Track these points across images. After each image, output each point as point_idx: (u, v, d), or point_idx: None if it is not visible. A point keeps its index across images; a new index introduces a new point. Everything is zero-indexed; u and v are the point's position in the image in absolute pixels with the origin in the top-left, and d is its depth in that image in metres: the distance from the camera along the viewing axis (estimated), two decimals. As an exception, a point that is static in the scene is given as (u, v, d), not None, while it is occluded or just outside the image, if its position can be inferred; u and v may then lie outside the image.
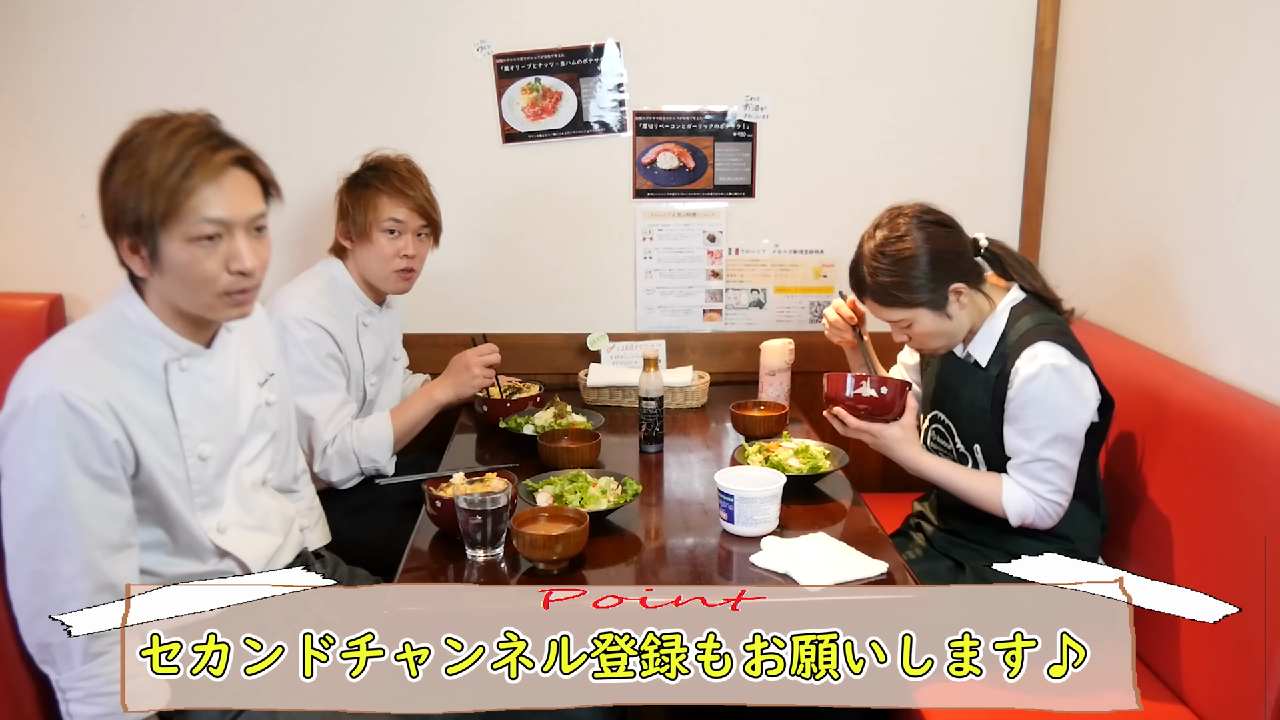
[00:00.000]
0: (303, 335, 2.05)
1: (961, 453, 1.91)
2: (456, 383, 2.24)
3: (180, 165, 1.36)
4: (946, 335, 1.85)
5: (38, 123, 2.46)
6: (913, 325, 1.82)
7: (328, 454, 2.09)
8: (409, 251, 2.15)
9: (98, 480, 1.37)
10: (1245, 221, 1.79)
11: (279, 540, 1.66)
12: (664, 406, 2.16)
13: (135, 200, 1.36)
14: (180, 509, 1.48)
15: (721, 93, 2.57)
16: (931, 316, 1.81)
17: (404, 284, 2.19)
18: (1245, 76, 1.79)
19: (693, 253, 2.66)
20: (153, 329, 1.46)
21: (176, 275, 1.40)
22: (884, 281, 1.79)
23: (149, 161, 1.36)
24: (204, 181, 1.38)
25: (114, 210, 1.38)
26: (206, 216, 1.38)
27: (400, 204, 2.12)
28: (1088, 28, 2.41)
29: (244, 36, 2.47)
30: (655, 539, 1.71)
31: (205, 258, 1.40)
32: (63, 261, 2.50)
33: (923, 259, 1.77)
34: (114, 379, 1.40)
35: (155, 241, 1.38)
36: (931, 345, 1.87)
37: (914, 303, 1.79)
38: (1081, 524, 1.84)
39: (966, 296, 1.81)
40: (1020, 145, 2.60)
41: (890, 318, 1.84)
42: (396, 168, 2.15)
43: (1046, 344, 1.74)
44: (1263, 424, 1.61)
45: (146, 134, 1.38)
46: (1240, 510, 1.60)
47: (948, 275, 1.79)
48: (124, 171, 1.37)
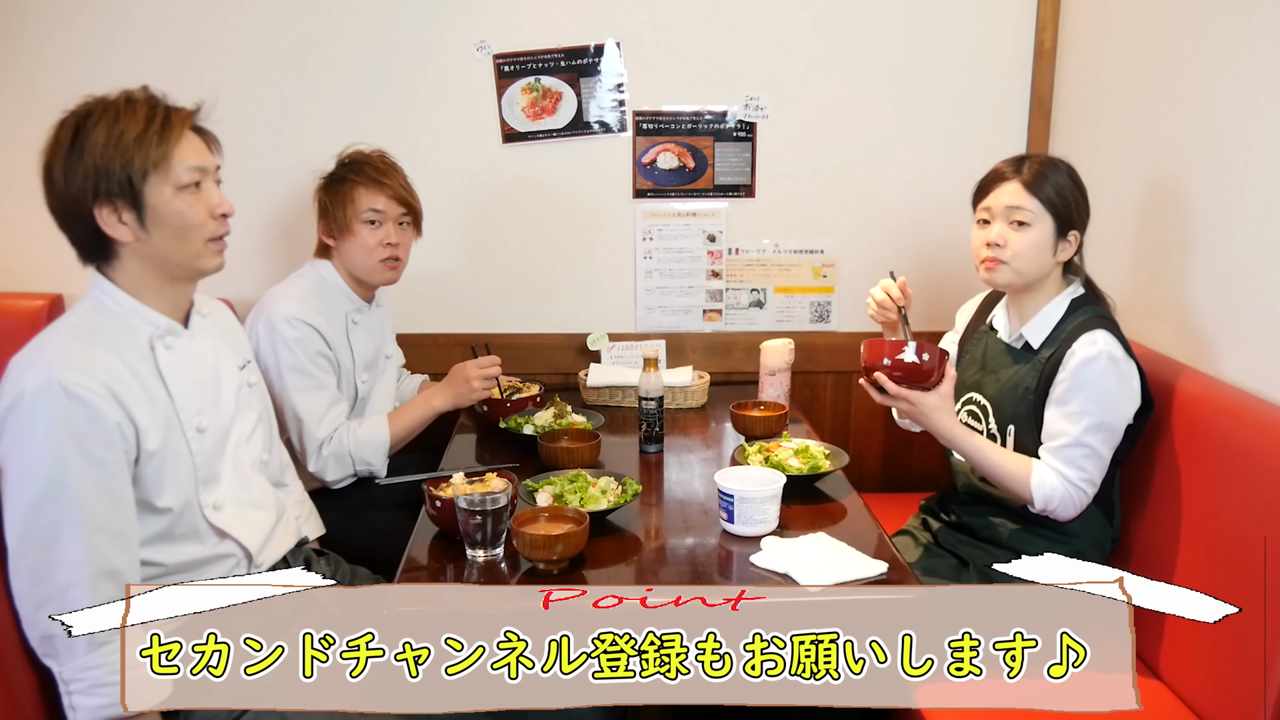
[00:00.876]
0: (291, 334, 2.05)
1: (994, 434, 1.91)
2: (455, 394, 2.24)
3: (154, 122, 1.45)
4: (1034, 266, 1.84)
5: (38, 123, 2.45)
6: (1030, 226, 1.83)
7: (323, 454, 2.09)
8: (391, 240, 2.15)
9: (99, 466, 1.38)
10: (1245, 221, 1.79)
11: (273, 518, 1.68)
12: (664, 406, 2.16)
13: (122, 158, 1.42)
14: (182, 485, 1.50)
15: (721, 93, 2.57)
16: (1050, 233, 1.83)
17: (391, 273, 2.19)
18: (1245, 76, 1.79)
19: (693, 253, 2.66)
20: (132, 309, 1.49)
21: (169, 226, 1.46)
22: (1045, 171, 1.83)
23: (122, 124, 1.43)
24: (179, 136, 1.47)
25: (95, 178, 1.41)
26: (190, 164, 1.47)
27: (378, 193, 2.13)
28: (1088, 28, 2.41)
29: (244, 37, 2.47)
30: (655, 539, 1.71)
31: (194, 204, 1.48)
32: (63, 261, 2.45)
33: (1076, 189, 1.85)
34: (107, 362, 1.42)
35: (143, 197, 1.43)
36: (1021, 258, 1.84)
37: (1053, 205, 1.82)
38: (1094, 530, 1.83)
39: (1070, 255, 1.86)
40: (1020, 145, 2.60)
41: (1024, 203, 1.83)
42: (371, 160, 2.16)
43: (1105, 333, 1.76)
44: (1263, 424, 1.61)
45: (101, 107, 1.45)
46: (1240, 510, 1.60)
47: (1079, 221, 1.85)
48: (100, 137, 1.42)
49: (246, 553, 1.60)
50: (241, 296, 2.39)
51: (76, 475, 1.36)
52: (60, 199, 1.44)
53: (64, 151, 1.43)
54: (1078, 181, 1.86)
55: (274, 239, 2.55)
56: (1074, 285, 1.89)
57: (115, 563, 1.39)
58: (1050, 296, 1.88)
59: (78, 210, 1.44)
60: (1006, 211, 1.85)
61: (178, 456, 1.50)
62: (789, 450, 1.97)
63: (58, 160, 1.43)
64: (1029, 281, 1.87)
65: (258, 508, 1.65)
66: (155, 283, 1.51)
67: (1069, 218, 1.83)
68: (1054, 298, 1.88)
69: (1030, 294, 1.89)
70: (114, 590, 1.39)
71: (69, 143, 1.43)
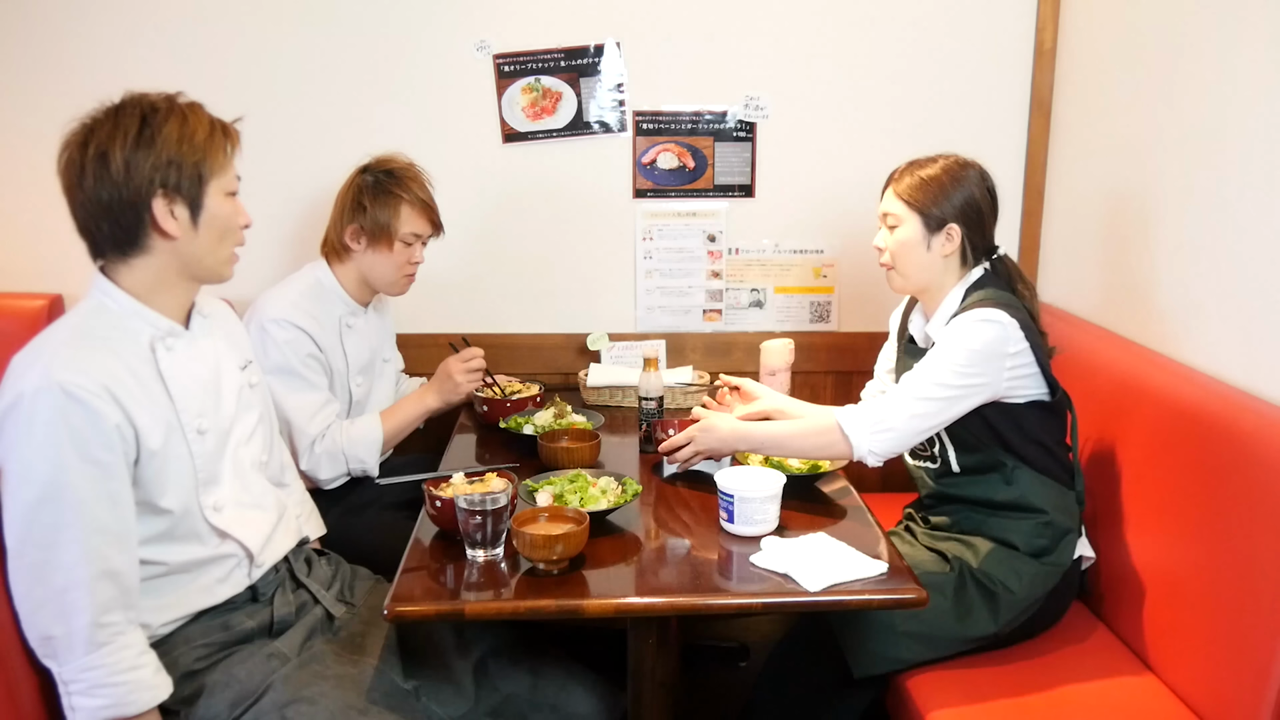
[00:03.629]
0: (281, 336, 2.06)
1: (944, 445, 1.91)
2: (441, 390, 2.25)
3: (217, 128, 1.51)
4: (914, 265, 1.89)
5: (38, 123, 2.46)
6: (899, 226, 1.89)
7: (315, 451, 2.09)
8: (418, 259, 2.18)
9: (98, 467, 1.38)
10: (1245, 221, 1.79)
11: (274, 518, 1.68)
12: (664, 406, 2.16)
13: (196, 155, 1.46)
14: (182, 488, 1.50)
15: (721, 93, 2.57)
16: (919, 231, 1.87)
17: (407, 287, 2.22)
18: (1245, 76, 1.79)
19: (693, 253, 2.66)
20: (133, 310, 1.49)
21: (215, 227, 1.51)
22: (916, 176, 1.88)
23: (191, 125, 1.47)
24: (236, 145, 1.54)
25: (165, 170, 1.44)
26: (237, 173, 1.54)
27: (424, 217, 2.15)
28: (1088, 28, 2.41)
29: (244, 37, 2.47)
30: (655, 539, 1.71)
31: (236, 212, 1.54)
32: (63, 261, 2.50)
33: (957, 189, 1.86)
34: (107, 364, 1.42)
35: (203, 198, 1.48)
36: (898, 260, 1.90)
37: (917, 207, 1.86)
38: (1053, 497, 1.85)
39: (954, 248, 1.86)
40: (1020, 145, 2.60)
41: (891, 207, 1.90)
42: (418, 178, 2.17)
43: (991, 307, 1.77)
44: (1263, 424, 1.60)
45: (166, 104, 1.47)
46: (1240, 510, 1.60)
47: (959, 218, 1.86)
48: (174, 131, 1.44)
49: (248, 552, 1.60)
50: (241, 297, 2.39)
51: (75, 476, 1.36)
52: (116, 186, 1.42)
53: (130, 140, 1.42)
54: (955, 174, 1.86)
55: (273, 239, 2.54)
56: (973, 271, 1.90)
57: (114, 564, 1.39)
58: (949, 290, 1.90)
59: (133, 199, 1.43)
60: (883, 218, 1.93)
61: (178, 458, 1.50)
62: None
63: (121, 147, 1.42)
64: (922, 283, 1.91)
65: (258, 508, 1.65)
66: (169, 280, 1.51)
67: (937, 213, 1.85)
68: (951, 290, 1.90)
69: (931, 293, 1.92)
70: (113, 591, 1.39)
71: (136, 131, 1.42)
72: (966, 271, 1.90)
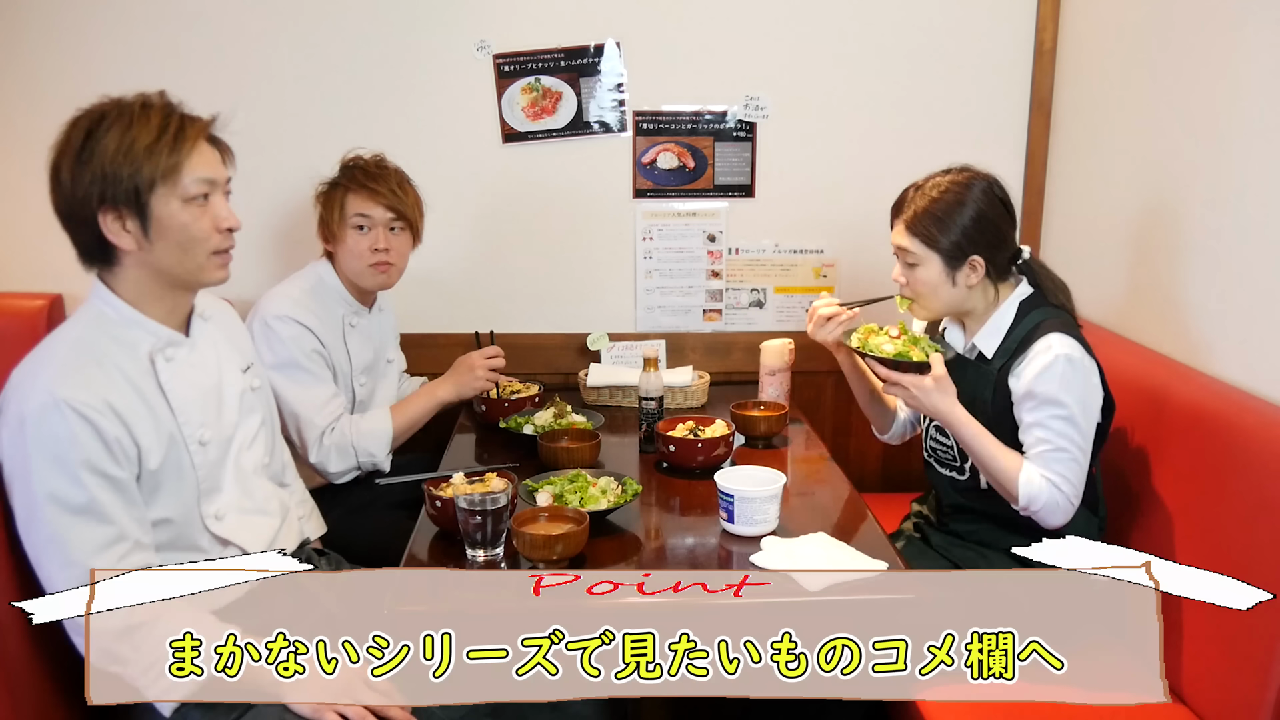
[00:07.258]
0: (285, 332, 2.06)
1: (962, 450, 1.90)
2: (459, 382, 2.24)
3: (168, 131, 1.43)
4: (939, 300, 1.84)
5: (37, 123, 2.45)
6: (918, 266, 1.82)
7: (324, 444, 2.09)
8: (380, 245, 2.13)
9: (106, 480, 1.38)
10: (1245, 221, 1.79)
11: (277, 522, 1.67)
12: (664, 406, 2.16)
13: (131, 166, 1.40)
14: (184, 500, 1.50)
15: (721, 93, 2.57)
16: (940, 270, 1.81)
17: (382, 277, 2.17)
18: (1245, 76, 1.79)
19: (693, 253, 2.66)
20: (132, 320, 1.48)
21: (173, 238, 1.45)
22: (924, 207, 1.80)
23: (135, 131, 1.41)
24: (191, 147, 1.45)
25: (101, 184, 1.40)
26: (199, 176, 1.45)
27: (365, 199, 2.12)
28: (1088, 28, 2.41)
29: (244, 37, 2.47)
30: (655, 539, 1.71)
31: (200, 216, 1.46)
32: (63, 261, 2.46)
33: (969, 211, 1.78)
34: (108, 378, 1.42)
35: (149, 207, 1.42)
36: (921, 297, 1.86)
37: (935, 244, 1.80)
38: (1078, 523, 1.83)
39: (979, 277, 1.81)
40: (1020, 145, 2.60)
41: (906, 244, 1.83)
42: (365, 165, 2.16)
43: (1060, 335, 1.74)
44: (1263, 424, 1.61)
45: (116, 111, 1.43)
46: (1240, 510, 1.60)
47: (979, 243, 1.79)
48: (111, 143, 1.40)
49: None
50: (242, 297, 2.39)
51: (91, 490, 1.36)
52: (65, 200, 1.43)
53: (73, 153, 1.42)
54: (962, 195, 1.79)
55: (273, 240, 2.54)
56: (1020, 286, 1.86)
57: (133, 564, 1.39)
58: (992, 306, 1.85)
59: (82, 214, 1.43)
60: (898, 253, 1.86)
61: (180, 470, 1.49)
62: (888, 335, 1.88)
63: (66, 161, 1.42)
64: (952, 309, 1.87)
65: (261, 513, 1.64)
66: (156, 290, 1.50)
67: (955, 245, 1.79)
68: (998, 306, 1.85)
69: (965, 313, 1.88)
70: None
71: (79, 145, 1.41)
72: (999, 286, 1.85)
